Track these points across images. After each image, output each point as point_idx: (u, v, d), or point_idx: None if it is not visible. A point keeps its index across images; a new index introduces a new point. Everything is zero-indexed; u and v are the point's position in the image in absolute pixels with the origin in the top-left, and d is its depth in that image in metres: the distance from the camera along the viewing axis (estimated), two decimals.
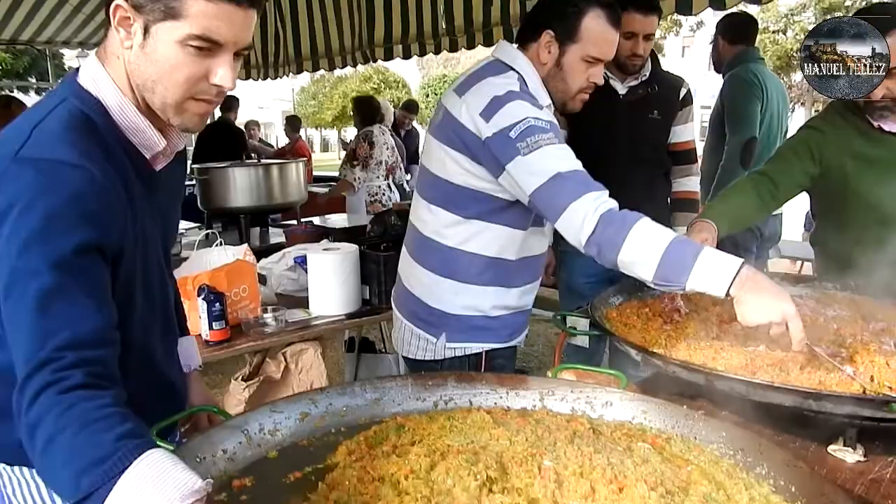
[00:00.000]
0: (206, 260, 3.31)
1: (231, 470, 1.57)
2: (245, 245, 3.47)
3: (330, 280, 3.48)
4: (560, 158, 2.15)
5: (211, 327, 3.10)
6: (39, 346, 1.21)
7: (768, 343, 2.14)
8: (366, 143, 7.33)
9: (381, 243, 3.76)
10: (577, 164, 2.16)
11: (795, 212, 4.77)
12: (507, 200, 2.38)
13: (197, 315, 3.13)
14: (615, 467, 1.52)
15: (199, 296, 3.11)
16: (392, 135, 8.25)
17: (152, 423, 1.58)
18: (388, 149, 7.53)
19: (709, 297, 2.58)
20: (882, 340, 2.16)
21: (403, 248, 2.76)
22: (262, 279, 3.83)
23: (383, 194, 7.47)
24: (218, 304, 3.08)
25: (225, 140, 8.81)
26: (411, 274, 2.66)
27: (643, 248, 1.95)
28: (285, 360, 3.24)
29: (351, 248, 3.56)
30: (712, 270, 1.88)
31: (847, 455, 1.84)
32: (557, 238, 3.84)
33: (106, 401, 1.21)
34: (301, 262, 3.73)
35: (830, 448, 1.87)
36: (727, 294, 1.87)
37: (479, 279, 2.49)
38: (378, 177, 7.44)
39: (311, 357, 3.21)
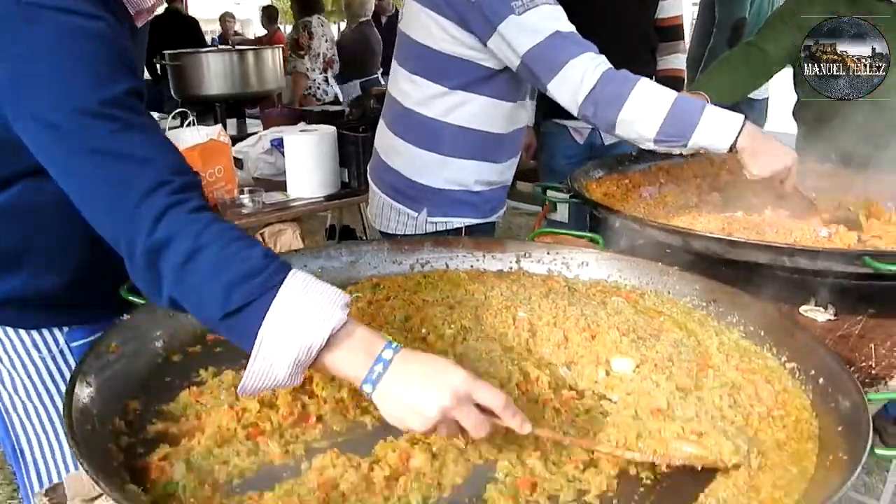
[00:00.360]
0: (179, 139, 3.22)
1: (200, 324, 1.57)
2: (219, 126, 3.39)
3: (307, 162, 3.42)
4: (557, 19, 2.07)
5: None
6: (141, 170, 1.12)
7: (746, 210, 2.15)
8: (305, 32, 7.06)
9: (359, 125, 3.68)
10: (573, 27, 2.10)
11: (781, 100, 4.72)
12: (494, 69, 2.30)
13: None
14: (588, 318, 1.53)
15: None
16: (369, 28, 8.00)
17: None
18: (326, 41, 7.12)
19: (689, 170, 2.60)
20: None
21: (381, 122, 2.69)
22: (239, 164, 3.76)
23: (318, 87, 7.07)
24: None
25: (177, 30, 8.12)
26: (391, 147, 2.61)
27: (647, 104, 1.91)
28: (263, 240, 3.22)
29: (328, 130, 3.48)
30: (718, 124, 1.87)
31: (818, 315, 1.87)
32: (538, 118, 3.83)
33: (232, 223, 1.17)
34: (278, 144, 3.65)
35: (802, 308, 1.90)
36: (732, 148, 1.86)
37: (463, 152, 2.44)
38: (314, 69, 7.11)
39: (289, 238, 3.19)
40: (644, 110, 1.92)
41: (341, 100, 7.13)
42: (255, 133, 3.93)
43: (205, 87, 4.97)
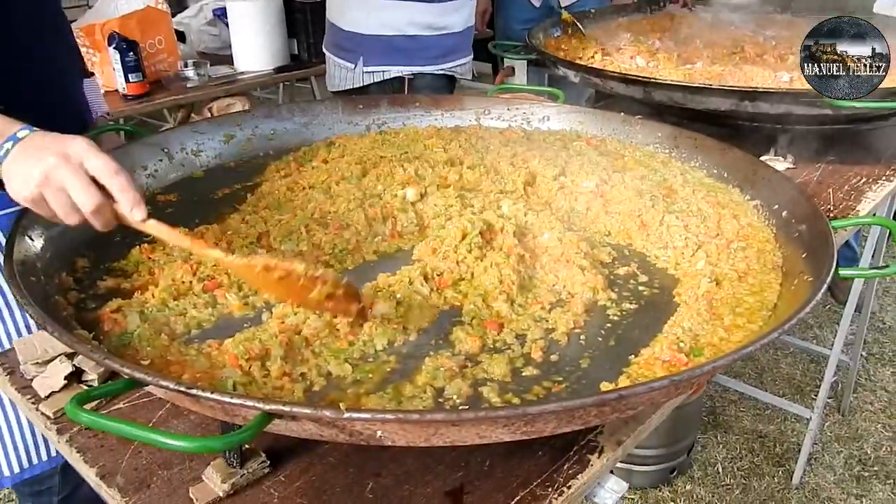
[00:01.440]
0: (113, 7, 3.02)
1: (154, 186, 1.50)
2: None
3: (253, 32, 3.24)
4: None
5: (127, 80, 2.89)
6: None
7: (706, 61, 2.10)
8: None
9: None
10: None
11: None
12: None
13: (110, 68, 2.91)
14: (551, 159, 1.51)
15: (109, 45, 2.86)
16: None
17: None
18: None
19: (647, 24, 2.52)
20: None
21: None
22: (182, 37, 3.55)
23: None
24: (132, 53, 2.85)
25: None
26: (331, 1, 2.52)
27: None
28: (212, 114, 3.08)
29: None
30: None
31: (778, 164, 1.86)
32: None
33: None
34: (221, 14, 3.45)
35: (763, 158, 1.88)
36: None
37: None
38: None
39: (239, 111, 3.05)
40: None
41: None
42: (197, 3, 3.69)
43: None
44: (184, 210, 1.42)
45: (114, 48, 2.84)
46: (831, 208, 1.68)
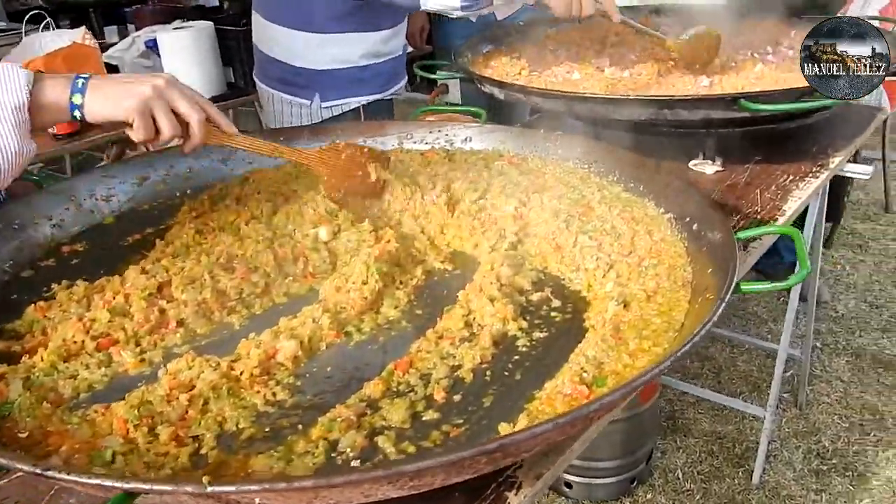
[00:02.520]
0: (38, 44, 2.95)
1: (59, 236, 1.45)
2: (82, 28, 3.09)
3: (186, 62, 3.18)
4: None
5: None
6: None
7: (632, 70, 2.09)
8: None
9: (240, 20, 3.42)
10: None
11: None
12: None
13: None
14: (473, 181, 1.50)
15: None
16: None
17: None
18: None
19: (576, 34, 2.51)
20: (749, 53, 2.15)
21: (254, 13, 2.51)
22: (115, 71, 3.48)
23: None
24: None
25: None
26: (269, 37, 2.45)
27: None
28: (148, 149, 3.01)
29: (205, 25, 3.23)
30: None
31: (706, 167, 1.86)
32: None
33: None
34: (153, 46, 3.37)
35: (691, 164, 1.88)
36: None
37: (340, 26, 2.30)
38: None
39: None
40: None
41: None
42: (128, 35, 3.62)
43: None
44: (90, 260, 1.37)
45: None
46: (759, 210, 1.67)
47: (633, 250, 1.24)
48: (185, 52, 3.18)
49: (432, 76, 2.25)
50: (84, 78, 1.16)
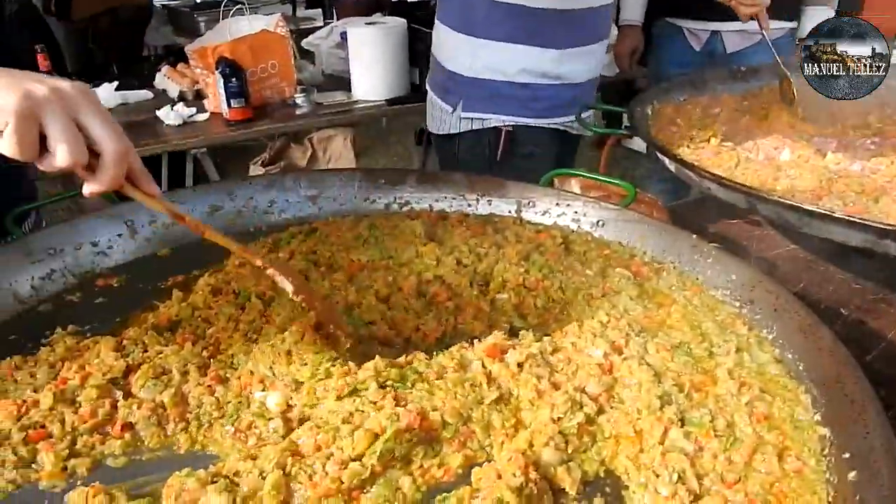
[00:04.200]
0: (233, 29, 2.95)
1: (100, 266, 1.30)
2: (277, 15, 3.05)
3: (371, 59, 3.04)
4: None
5: (229, 105, 2.81)
6: None
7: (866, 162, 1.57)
8: None
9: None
10: None
11: None
12: None
13: (216, 91, 2.84)
14: (564, 286, 1.15)
15: (217, 69, 2.79)
16: None
17: None
18: None
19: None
20: None
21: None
22: (312, 58, 3.45)
23: None
24: (235, 79, 2.76)
25: None
26: (436, 36, 2.25)
27: None
28: (312, 146, 2.92)
29: (397, 23, 3.07)
30: None
31: None
32: (651, 17, 3.18)
33: None
34: (346, 38, 3.29)
35: None
36: None
37: (500, 33, 2.00)
38: None
39: (339, 144, 2.87)
40: None
41: None
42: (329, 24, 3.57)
43: None
44: (116, 300, 1.21)
45: (219, 73, 2.76)
46: None
47: (744, 480, 0.82)
48: (373, 48, 3.05)
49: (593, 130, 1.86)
50: None
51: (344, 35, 3.32)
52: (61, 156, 0.80)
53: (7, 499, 0.84)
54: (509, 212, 1.47)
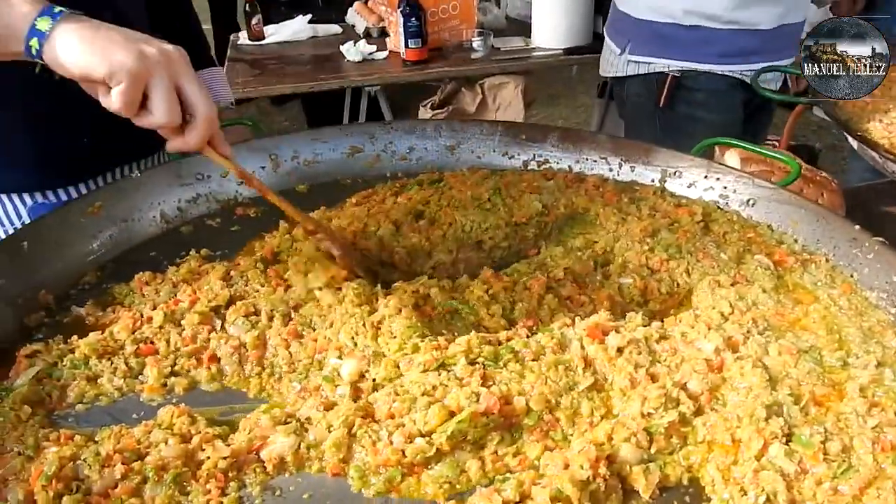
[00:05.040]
0: None
1: (242, 195, 1.37)
2: None
3: (554, 3, 2.93)
4: None
5: (407, 45, 2.83)
6: None
7: None
8: None
9: None
10: None
11: None
12: None
13: (397, 30, 2.88)
14: (689, 269, 1.10)
15: (398, 7, 2.82)
16: None
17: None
18: None
19: None
20: None
21: None
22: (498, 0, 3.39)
23: None
24: (414, 18, 2.77)
25: None
26: None
27: None
28: (482, 92, 2.89)
29: None
30: None
31: None
32: None
33: None
34: None
35: None
36: None
37: None
38: None
39: (510, 93, 2.81)
40: None
41: None
42: None
43: None
44: (250, 227, 1.28)
45: (400, 12, 2.79)
46: None
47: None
48: None
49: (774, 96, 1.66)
50: (61, 13, 0.86)
51: None
52: (160, 116, 0.86)
53: (111, 403, 0.92)
54: (652, 180, 1.36)
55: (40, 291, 1.08)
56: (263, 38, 3.38)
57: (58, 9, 0.86)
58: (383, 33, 3.19)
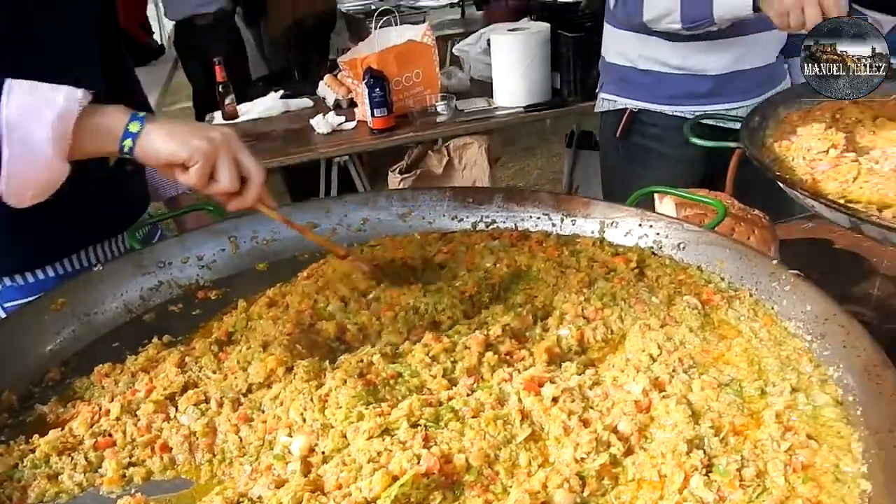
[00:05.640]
0: (382, 39, 3.09)
1: (203, 278, 1.43)
2: (424, 24, 3.15)
3: (514, 65, 3.05)
4: None
5: (373, 114, 2.94)
6: None
7: None
8: None
9: (589, 21, 3.15)
10: None
11: None
12: None
13: (363, 100, 2.99)
14: (622, 317, 1.16)
15: (363, 79, 2.94)
16: None
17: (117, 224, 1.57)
18: None
19: None
20: None
21: None
22: (459, 63, 3.52)
23: None
24: (378, 89, 2.89)
25: None
26: None
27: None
28: (449, 153, 2.98)
29: (540, 28, 3.05)
30: None
31: None
32: None
33: None
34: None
35: None
36: (755, 9, 1.76)
37: (621, 21, 2.16)
38: None
39: (475, 153, 2.91)
40: (662, 4, 1.90)
41: None
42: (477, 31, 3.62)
43: None
44: (208, 312, 1.33)
45: (364, 83, 2.91)
46: None
47: None
48: (515, 54, 3.07)
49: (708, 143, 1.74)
50: (144, 116, 1.09)
51: (490, 42, 3.35)
52: (226, 183, 1.11)
53: (72, 500, 0.95)
54: (592, 232, 1.43)
55: (3, 392, 1.11)
56: (237, 116, 3.50)
57: (141, 114, 1.09)
58: (352, 104, 3.31)
